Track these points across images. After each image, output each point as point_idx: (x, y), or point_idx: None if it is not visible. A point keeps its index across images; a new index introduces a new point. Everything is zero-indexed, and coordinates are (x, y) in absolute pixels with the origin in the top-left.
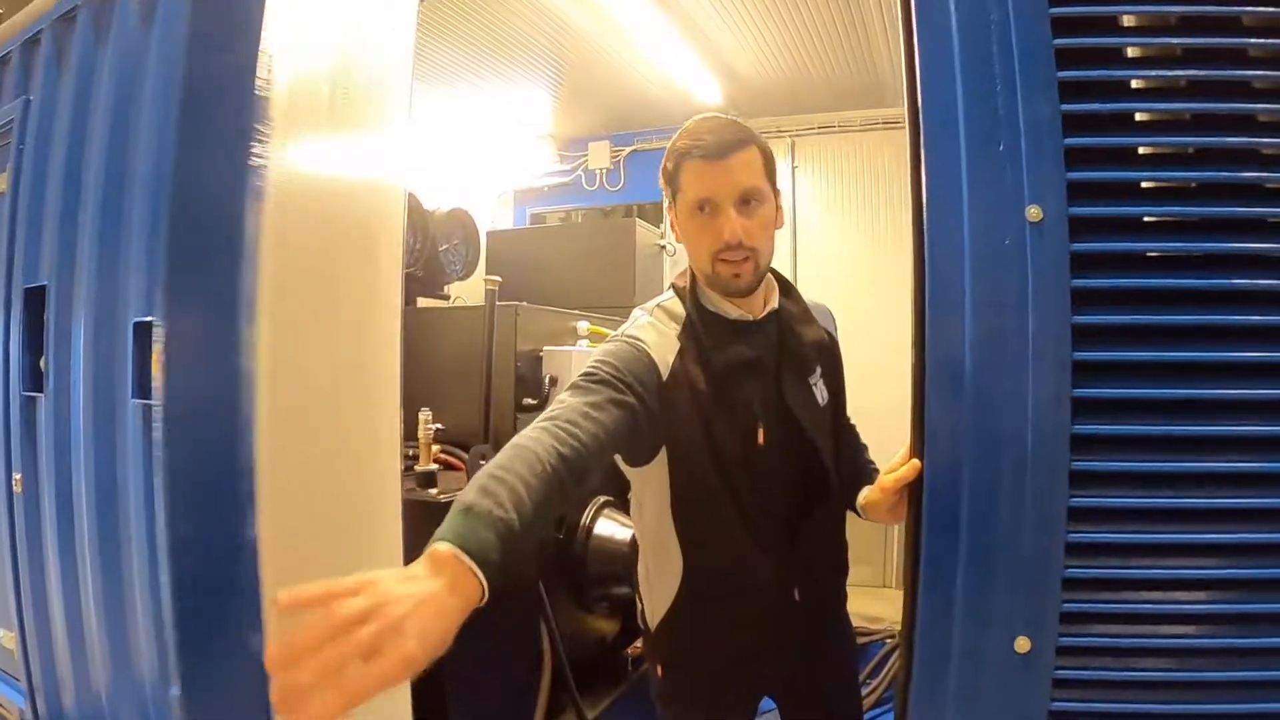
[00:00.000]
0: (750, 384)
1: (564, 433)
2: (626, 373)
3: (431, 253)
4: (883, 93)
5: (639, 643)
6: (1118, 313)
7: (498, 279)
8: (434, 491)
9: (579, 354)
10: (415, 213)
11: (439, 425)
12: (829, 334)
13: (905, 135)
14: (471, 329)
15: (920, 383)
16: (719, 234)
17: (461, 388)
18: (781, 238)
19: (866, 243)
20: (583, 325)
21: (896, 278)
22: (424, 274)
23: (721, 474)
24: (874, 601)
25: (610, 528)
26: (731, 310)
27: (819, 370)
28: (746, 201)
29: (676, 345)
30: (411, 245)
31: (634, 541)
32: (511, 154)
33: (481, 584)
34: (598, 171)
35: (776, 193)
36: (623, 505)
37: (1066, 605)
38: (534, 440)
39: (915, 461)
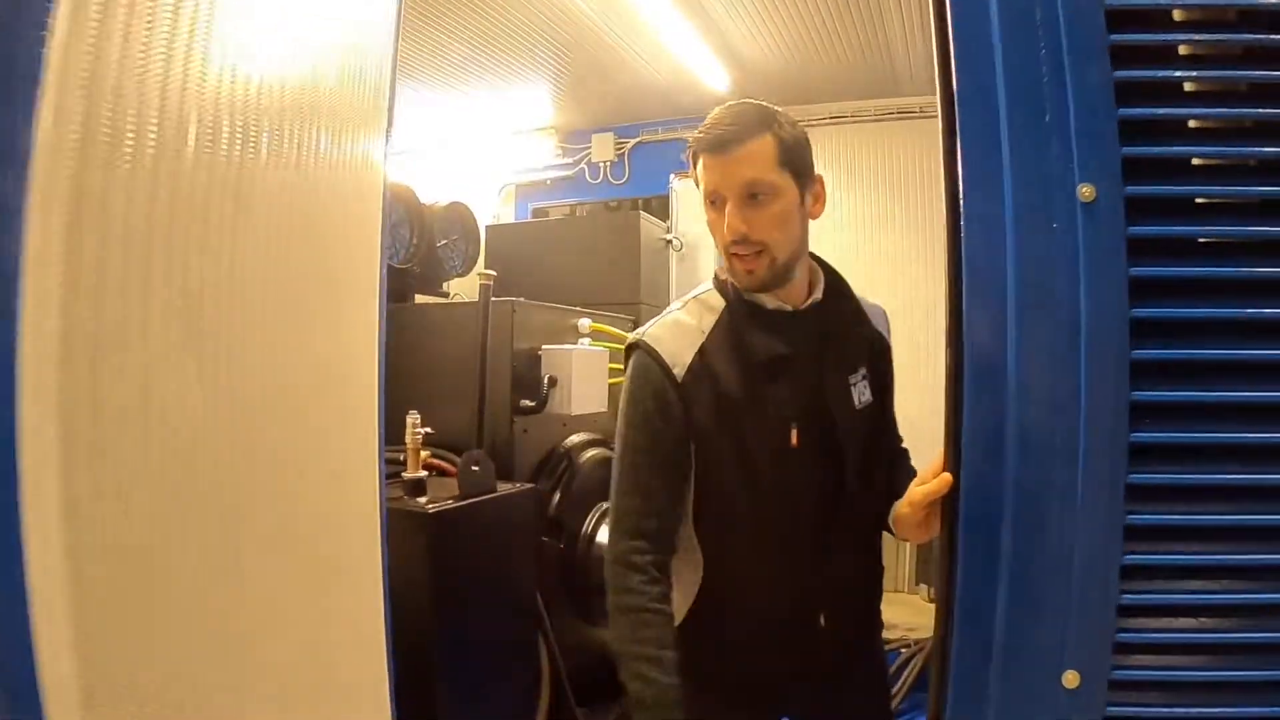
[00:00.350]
0: (785, 379)
1: (647, 559)
2: (652, 407)
3: (429, 248)
4: (898, 81)
5: None
6: (1182, 305)
7: (492, 273)
8: (423, 500)
9: (580, 353)
10: (411, 207)
11: (428, 429)
12: (881, 336)
13: (927, 121)
14: (465, 326)
15: (955, 386)
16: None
17: (455, 389)
18: None
19: (881, 239)
20: (584, 323)
21: (916, 275)
22: (422, 270)
23: (746, 477)
24: (885, 606)
25: None
26: (769, 300)
27: (863, 371)
28: (753, 195)
29: (699, 340)
30: (408, 241)
31: None
32: (512, 147)
33: None
34: (601, 165)
35: (809, 179)
36: None
37: (1121, 635)
38: (637, 595)
39: (946, 475)
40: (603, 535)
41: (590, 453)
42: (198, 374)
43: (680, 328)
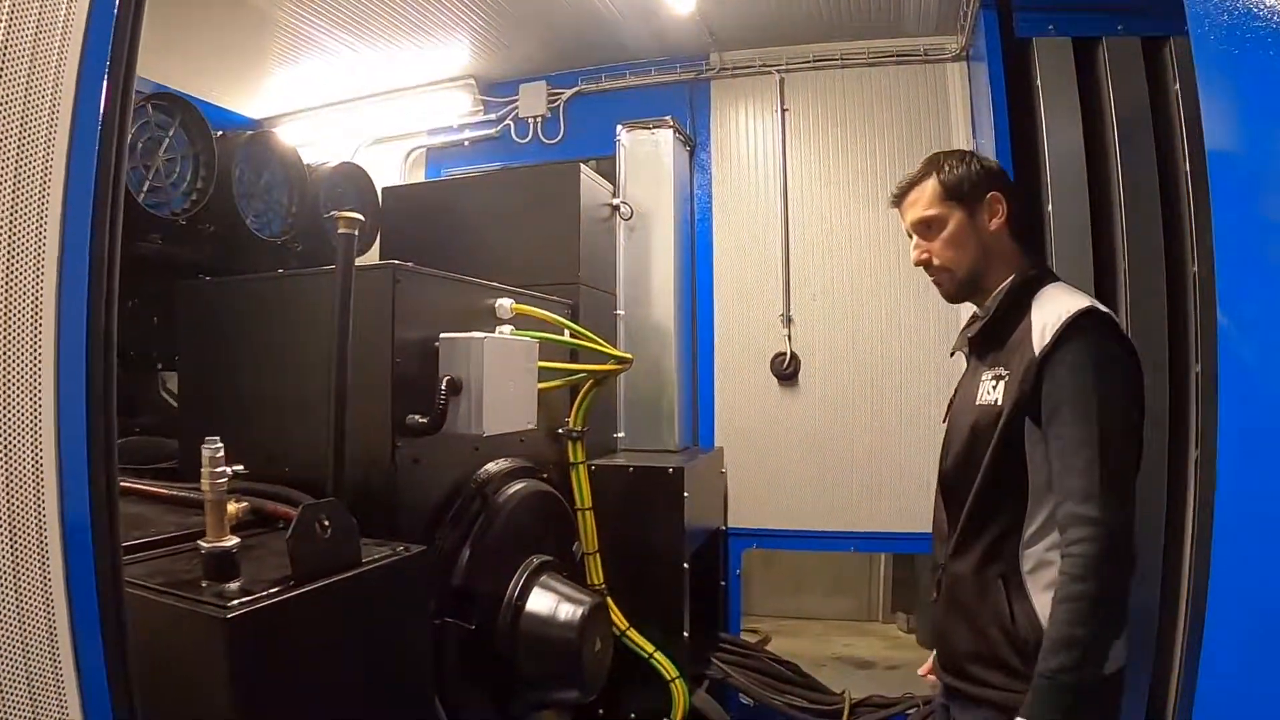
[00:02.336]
0: (965, 367)
1: None
2: None
3: (312, 219)
4: (902, 19)
5: None
6: None
7: (357, 216)
8: (234, 588)
9: (494, 343)
10: (291, 167)
11: (239, 466)
12: (1051, 343)
13: (932, 66)
14: (325, 305)
15: None
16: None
17: (309, 400)
18: (769, 202)
19: (873, 203)
20: (504, 304)
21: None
22: (304, 246)
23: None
24: (858, 638)
25: (548, 602)
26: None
27: (1000, 371)
28: (927, 227)
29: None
30: (285, 209)
31: (584, 622)
32: (419, 103)
33: None
34: (531, 121)
35: (978, 201)
36: (567, 567)
37: None
38: None
39: None
40: (536, 601)
41: (515, 486)
42: None
43: None
